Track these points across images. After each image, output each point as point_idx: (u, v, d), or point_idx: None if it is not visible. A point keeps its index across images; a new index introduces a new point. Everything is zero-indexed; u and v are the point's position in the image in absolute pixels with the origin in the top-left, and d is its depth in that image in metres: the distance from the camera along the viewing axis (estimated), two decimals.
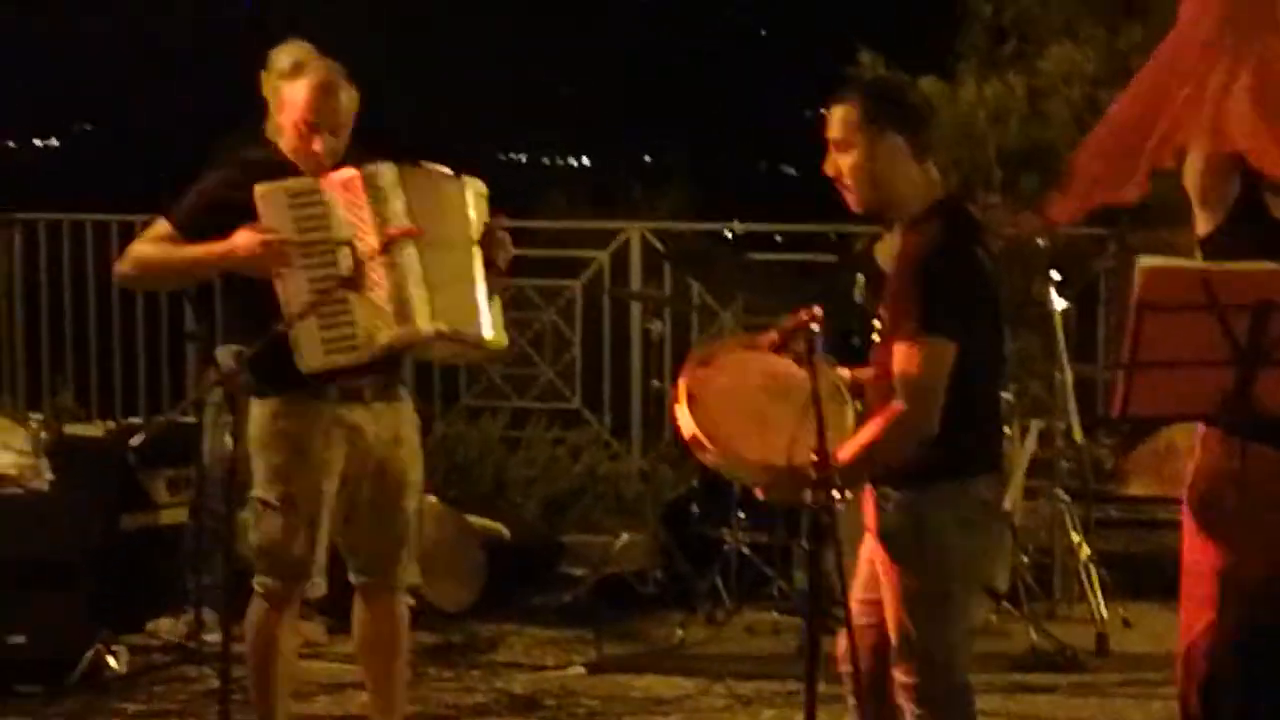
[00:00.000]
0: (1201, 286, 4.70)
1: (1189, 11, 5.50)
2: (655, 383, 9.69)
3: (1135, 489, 9.06)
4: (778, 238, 11.84)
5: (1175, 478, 6.50)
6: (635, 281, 10.01)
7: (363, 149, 6.22)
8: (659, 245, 10.11)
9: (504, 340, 6.46)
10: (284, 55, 7.09)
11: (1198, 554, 5.28)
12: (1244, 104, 5.22)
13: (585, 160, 32.75)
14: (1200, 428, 5.20)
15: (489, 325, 6.16)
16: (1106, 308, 9.65)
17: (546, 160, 32.11)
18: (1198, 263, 4.93)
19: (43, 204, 12.30)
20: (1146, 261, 4.90)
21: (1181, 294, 4.74)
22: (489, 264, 6.20)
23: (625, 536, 8.93)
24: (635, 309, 9.82)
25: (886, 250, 5.79)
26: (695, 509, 8.40)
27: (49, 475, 7.78)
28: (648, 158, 29.44)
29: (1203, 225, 5.29)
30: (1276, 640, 4.93)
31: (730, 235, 10.03)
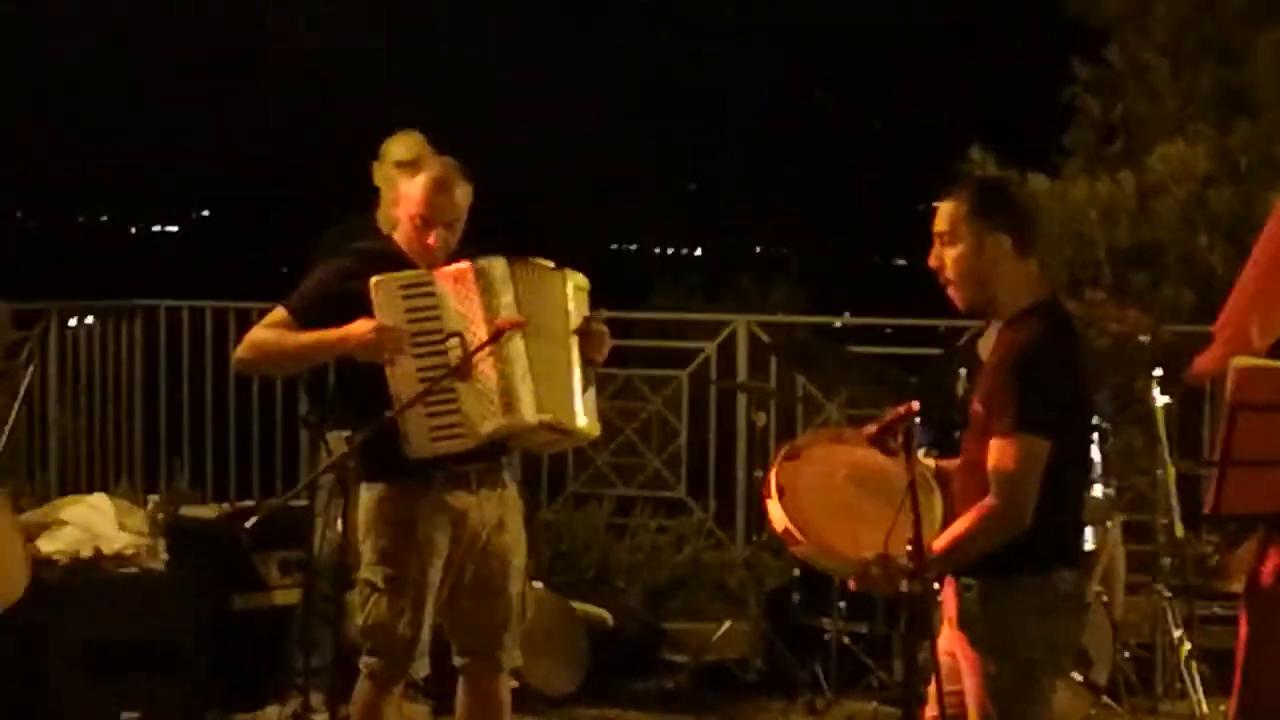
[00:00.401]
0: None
1: None
2: (759, 473, 9.62)
3: (1239, 586, 9.07)
4: (887, 330, 11.85)
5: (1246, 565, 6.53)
6: (742, 373, 10.02)
7: (474, 241, 6.33)
8: (765, 338, 10.14)
9: (597, 430, 6.55)
10: (399, 147, 7.17)
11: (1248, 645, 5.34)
12: None
13: (698, 251, 32.92)
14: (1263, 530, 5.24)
15: (583, 415, 6.23)
16: (1212, 404, 9.61)
17: (658, 250, 32.35)
18: None
19: (164, 290, 12.44)
20: (1240, 361, 4.93)
21: (1275, 394, 4.76)
22: (586, 356, 6.28)
23: (727, 624, 8.89)
24: (741, 400, 9.85)
25: (988, 344, 5.80)
26: (797, 598, 8.35)
27: (164, 555, 7.87)
28: (759, 248, 29.61)
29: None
30: None
31: (839, 326, 10.13)
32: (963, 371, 8.35)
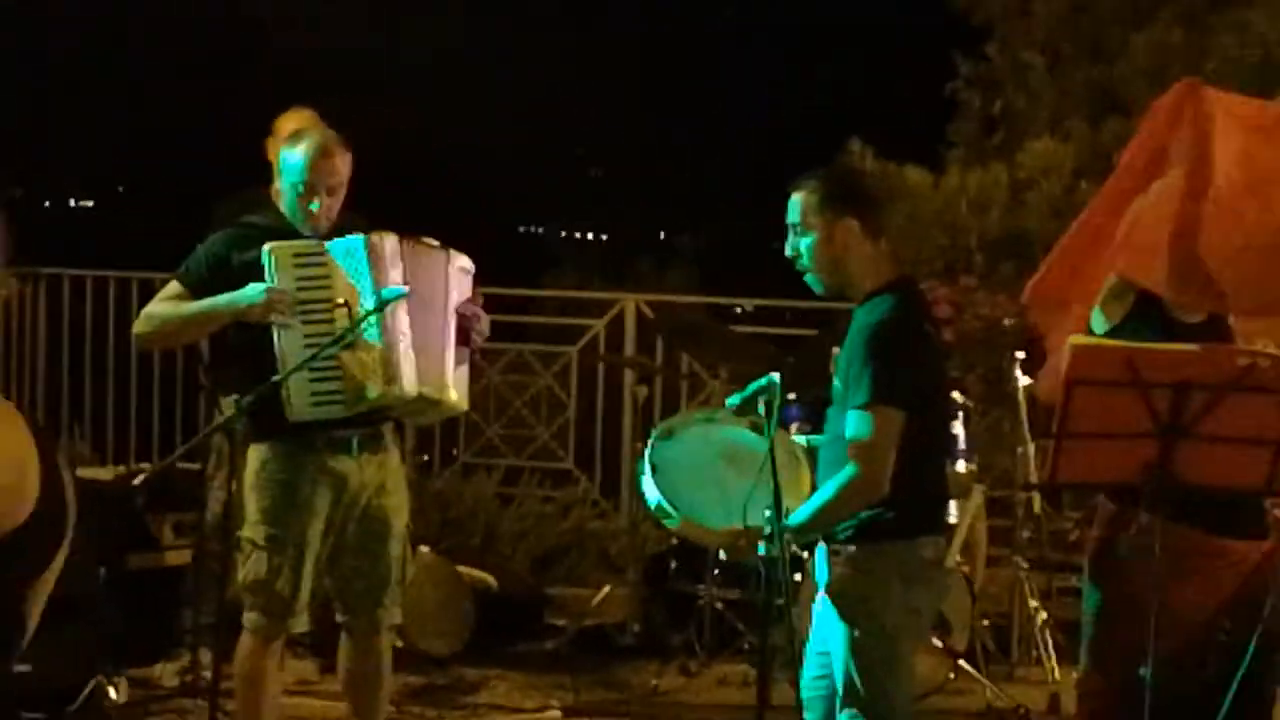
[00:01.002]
0: (1126, 364, 4.90)
1: (1131, 148, 5.75)
2: (641, 445, 9.79)
3: (1095, 529, 9.25)
4: (787, 314, 11.98)
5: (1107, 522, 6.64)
6: (629, 350, 10.13)
7: (359, 213, 6.44)
8: (644, 310, 10.26)
9: (465, 405, 6.76)
10: (287, 122, 7.23)
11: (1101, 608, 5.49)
12: (1144, 231, 5.45)
13: (603, 236, 32.88)
14: (1102, 501, 5.39)
15: (454, 390, 6.38)
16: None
17: (564, 234, 32.25)
18: (1123, 342, 5.11)
19: (72, 261, 12.43)
20: (1076, 340, 5.11)
21: (1108, 371, 4.93)
22: (463, 334, 6.39)
23: (606, 589, 9.02)
24: (628, 375, 9.96)
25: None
26: (674, 565, 8.53)
27: None
28: (661, 234, 29.62)
29: (1102, 323, 5.52)
30: (1171, 705, 5.09)
31: (739, 311, 10.27)
32: (834, 350, 8.51)
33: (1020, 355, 8.51)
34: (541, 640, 8.90)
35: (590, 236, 31.97)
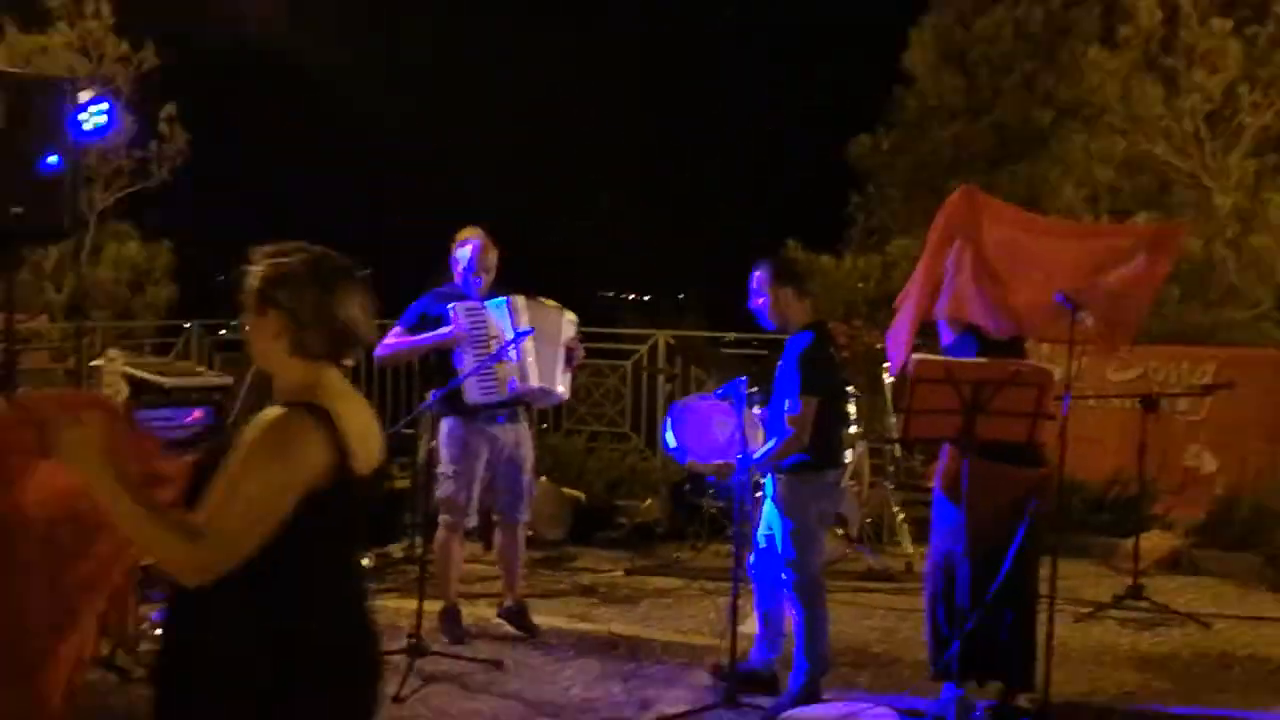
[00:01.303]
0: (945, 370, 4.96)
1: (933, 237, 5.77)
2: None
3: (933, 482, 9.22)
4: (754, 342, 11.96)
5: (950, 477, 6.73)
6: (661, 363, 10.12)
7: (503, 283, 6.54)
8: (673, 343, 10.30)
9: (567, 396, 6.84)
10: (461, 234, 7.24)
11: (940, 515, 5.52)
12: (964, 281, 5.48)
13: (646, 296, 32.57)
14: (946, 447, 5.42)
15: (562, 387, 6.49)
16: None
17: (623, 295, 31.90)
18: (943, 358, 5.23)
19: None
20: (918, 356, 5.15)
21: (935, 374, 4.97)
22: (569, 356, 6.50)
23: (649, 501, 9.13)
24: (660, 378, 9.99)
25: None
26: (687, 486, 8.60)
27: None
28: (680, 295, 29.52)
29: (949, 336, 5.57)
30: (979, 568, 5.13)
31: (727, 339, 10.33)
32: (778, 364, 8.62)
33: (886, 365, 8.53)
34: (612, 531, 8.94)
35: (633, 296, 31.68)
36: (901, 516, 8.44)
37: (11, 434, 2.42)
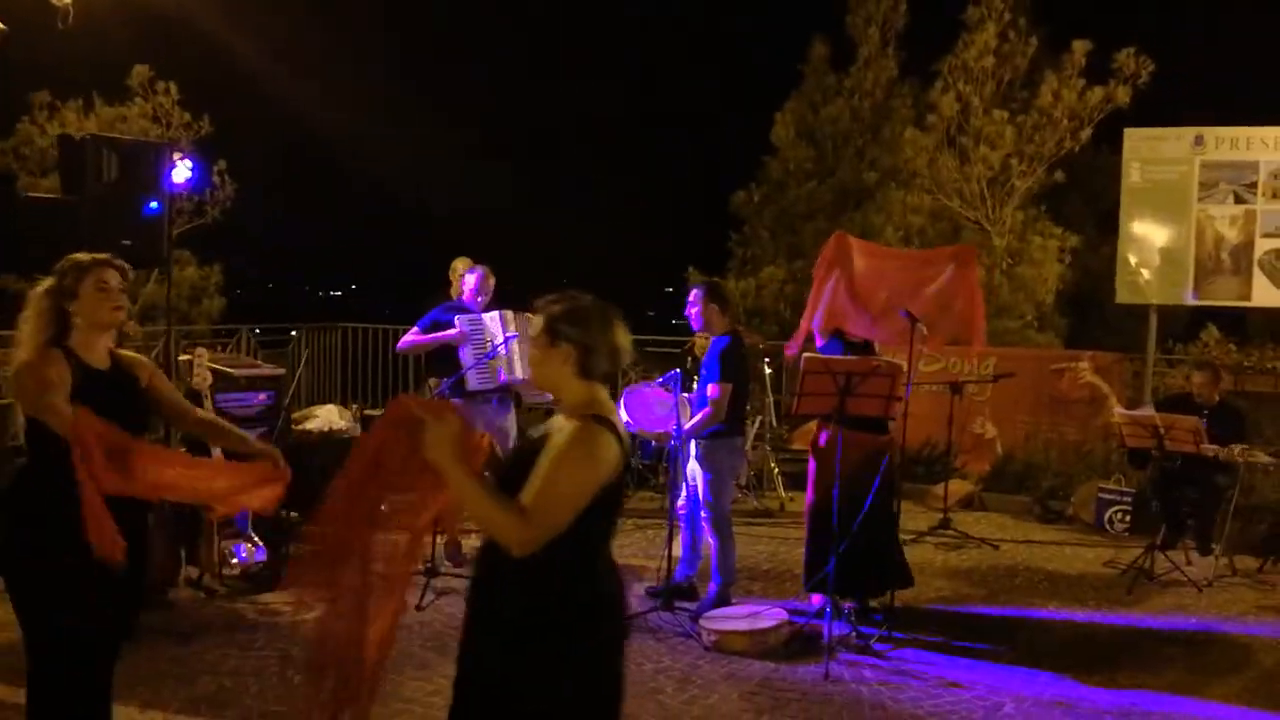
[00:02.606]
0: (824, 364, 5.07)
1: (818, 272, 5.87)
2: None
3: (796, 445, 9.33)
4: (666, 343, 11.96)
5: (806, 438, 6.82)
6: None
7: (499, 300, 6.50)
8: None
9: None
10: (460, 263, 7.18)
11: (817, 470, 5.60)
12: (841, 301, 5.61)
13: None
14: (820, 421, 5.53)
15: None
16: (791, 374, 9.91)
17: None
18: (821, 356, 5.30)
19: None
20: (807, 354, 5.26)
21: (819, 368, 5.08)
22: None
23: None
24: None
25: (701, 346, 6.03)
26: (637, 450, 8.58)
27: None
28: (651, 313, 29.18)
29: (825, 338, 5.68)
30: (845, 508, 5.19)
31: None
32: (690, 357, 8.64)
33: (766, 359, 8.70)
34: None
35: None
36: (776, 470, 8.58)
37: (392, 432, 2.42)
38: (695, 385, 5.86)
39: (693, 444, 5.64)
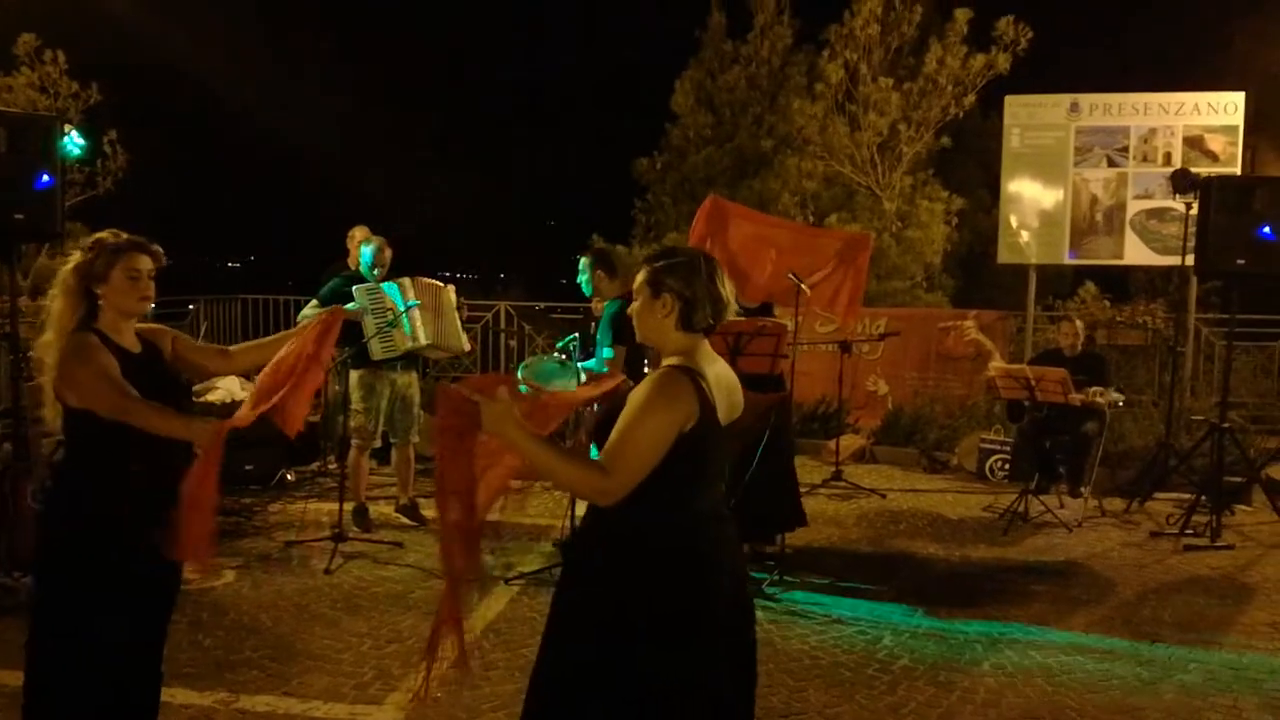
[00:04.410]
0: (722, 330, 5.24)
1: (694, 234, 6.02)
2: (513, 365, 9.94)
3: None
4: (580, 310, 12.09)
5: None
6: (503, 326, 10.21)
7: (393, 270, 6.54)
8: (511, 311, 10.36)
9: (468, 346, 6.77)
10: (359, 231, 7.14)
11: None
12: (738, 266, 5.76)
13: (474, 275, 31.85)
14: None
15: (464, 341, 6.48)
16: None
17: (457, 275, 31.13)
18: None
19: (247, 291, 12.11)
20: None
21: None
22: (462, 317, 6.49)
23: None
24: (503, 335, 10.10)
25: (597, 307, 6.15)
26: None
27: None
28: (501, 275, 28.99)
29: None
30: (740, 461, 5.22)
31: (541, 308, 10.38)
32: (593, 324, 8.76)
33: None
34: None
35: (465, 276, 31.02)
36: None
37: (454, 421, 2.43)
38: (592, 350, 6.00)
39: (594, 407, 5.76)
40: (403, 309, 6.23)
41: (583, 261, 5.82)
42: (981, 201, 13.50)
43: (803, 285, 5.73)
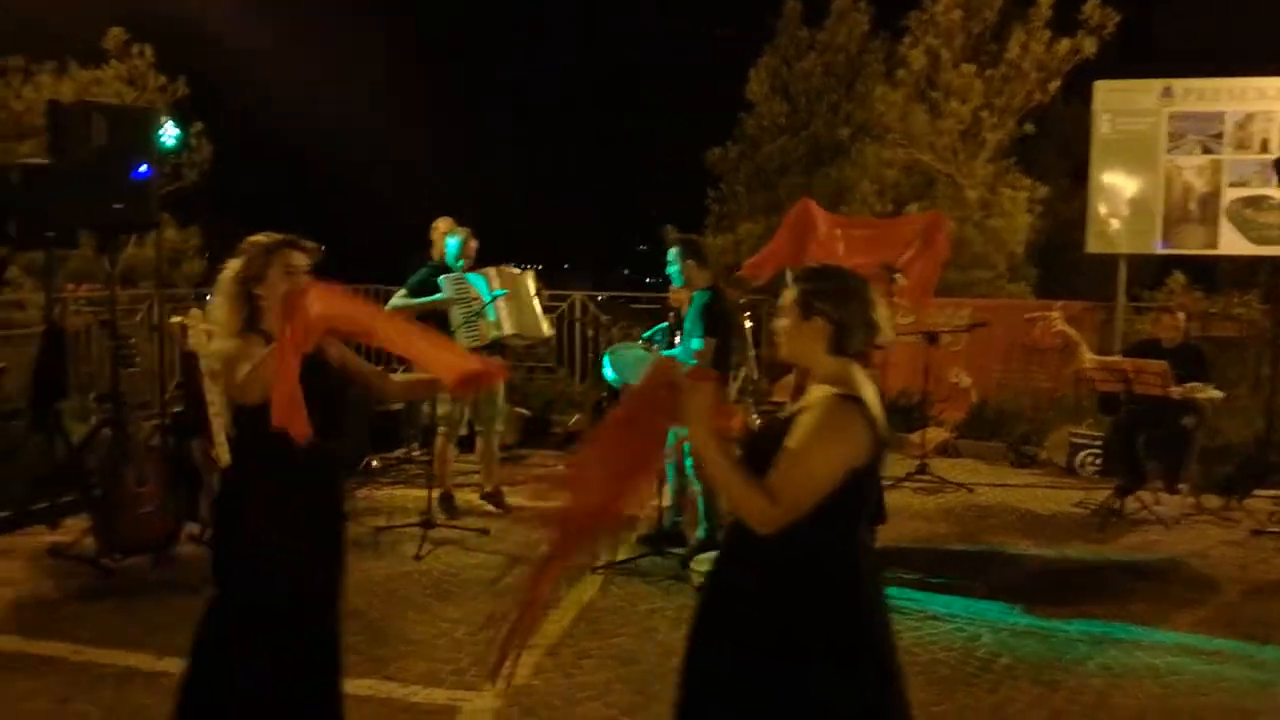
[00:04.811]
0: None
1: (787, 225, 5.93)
2: (593, 355, 10.01)
3: (777, 397, 9.45)
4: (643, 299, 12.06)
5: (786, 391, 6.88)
6: (578, 315, 10.22)
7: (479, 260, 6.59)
8: (586, 301, 10.36)
9: (550, 331, 6.84)
10: (442, 223, 7.11)
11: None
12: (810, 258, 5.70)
13: (539, 267, 31.82)
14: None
15: (547, 327, 6.52)
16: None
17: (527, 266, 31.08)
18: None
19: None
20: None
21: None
22: (542, 304, 6.56)
23: (577, 416, 9.14)
24: (579, 324, 10.10)
25: (679, 301, 6.13)
26: (604, 404, 8.67)
27: None
28: (565, 266, 28.86)
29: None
30: None
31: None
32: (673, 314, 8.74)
33: (747, 314, 8.78)
34: (551, 437, 8.95)
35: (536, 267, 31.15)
36: (757, 420, 8.71)
37: (655, 395, 2.34)
38: (679, 341, 5.96)
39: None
40: (488, 299, 6.27)
41: (672, 251, 5.78)
42: (1062, 189, 13.17)
43: (896, 277, 5.61)
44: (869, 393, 2.33)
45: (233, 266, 2.90)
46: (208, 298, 8.44)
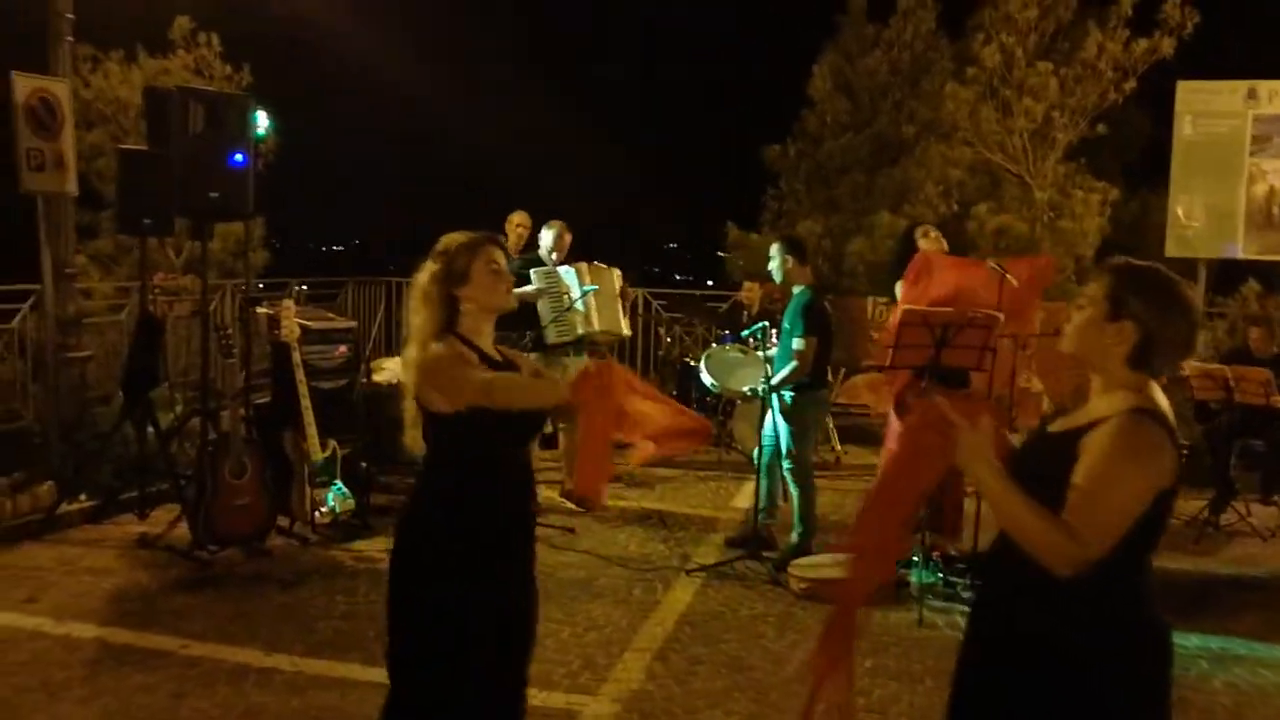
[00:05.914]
0: (922, 316, 5.07)
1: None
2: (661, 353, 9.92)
3: (842, 399, 9.31)
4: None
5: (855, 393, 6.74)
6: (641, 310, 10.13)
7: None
8: (649, 298, 10.24)
9: (628, 332, 6.82)
10: (516, 216, 7.00)
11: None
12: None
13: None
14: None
15: (626, 328, 6.48)
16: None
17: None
18: (922, 307, 5.22)
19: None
20: (905, 306, 5.23)
21: (916, 320, 5.08)
22: (624, 301, 6.50)
23: None
24: (653, 322, 10.01)
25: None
26: (694, 405, 8.58)
27: None
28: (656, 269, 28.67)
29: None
30: None
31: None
32: (744, 312, 8.61)
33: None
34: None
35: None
36: (832, 425, 8.61)
37: (924, 434, 2.17)
38: (777, 339, 5.87)
39: (774, 398, 5.64)
40: (579, 294, 6.20)
41: (773, 248, 5.69)
42: (1130, 191, 12.94)
43: (1008, 276, 5.45)
44: (1166, 404, 2.07)
45: (429, 269, 2.71)
46: (297, 287, 8.34)
